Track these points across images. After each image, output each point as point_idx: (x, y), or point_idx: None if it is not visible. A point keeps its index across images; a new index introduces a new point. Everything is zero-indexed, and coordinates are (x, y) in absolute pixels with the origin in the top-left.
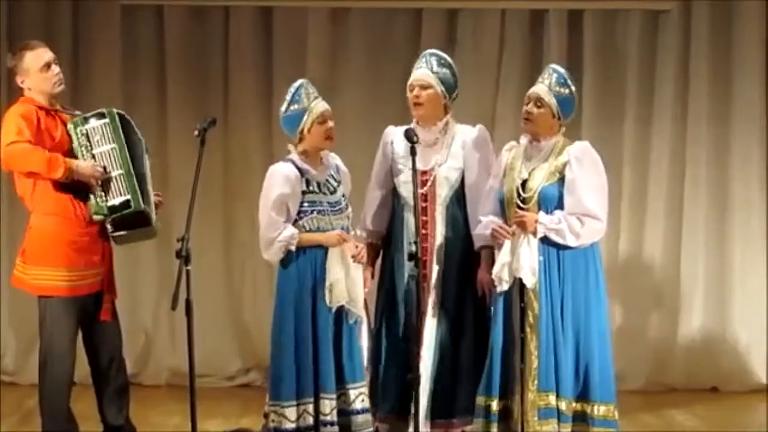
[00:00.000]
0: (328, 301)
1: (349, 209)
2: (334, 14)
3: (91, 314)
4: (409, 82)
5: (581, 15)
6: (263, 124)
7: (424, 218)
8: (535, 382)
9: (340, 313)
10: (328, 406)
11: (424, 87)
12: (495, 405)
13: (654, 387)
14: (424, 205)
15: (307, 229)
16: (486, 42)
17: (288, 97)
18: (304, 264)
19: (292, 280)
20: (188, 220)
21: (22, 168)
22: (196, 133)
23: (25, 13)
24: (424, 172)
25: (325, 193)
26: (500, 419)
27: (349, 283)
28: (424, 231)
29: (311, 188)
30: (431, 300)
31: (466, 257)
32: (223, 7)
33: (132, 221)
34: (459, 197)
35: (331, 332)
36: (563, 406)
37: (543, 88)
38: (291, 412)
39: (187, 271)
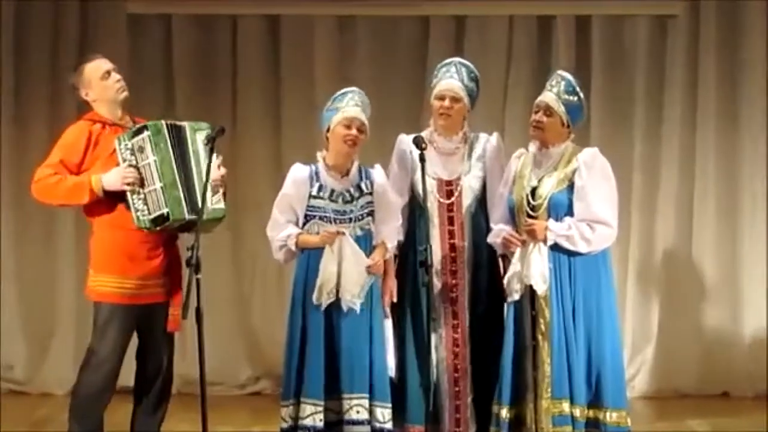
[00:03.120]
0: (315, 299)
1: (365, 221)
2: (341, 22)
3: (148, 324)
4: (438, 90)
5: (589, 20)
6: (271, 132)
7: (451, 228)
8: (549, 389)
9: (338, 317)
10: (308, 410)
11: (455, 99)
12: (505, 412)
13: (665, 393)
14: (450, 215)
15: (310, 233)
16: (493, 48)
17: (332, 97)
18: (307, 265)
19: (299, 281)
20: (197, 229)
21: (50, 201)
22: (204, 142)
23: (32, 22)
24: (449, 182)
25: (335, 201)
26: (512, 427)
27: (343, 279)
28: (451, 240)
29: (321, 194)
30: (464, 309)
31: (493, 263)
32: (231, 16)
33: (184, 227)
34: (481, 205)
35: (321, 335)
36: (577, 412)
37: (551, 96)
38: (286, 412)
39: (197, 280)
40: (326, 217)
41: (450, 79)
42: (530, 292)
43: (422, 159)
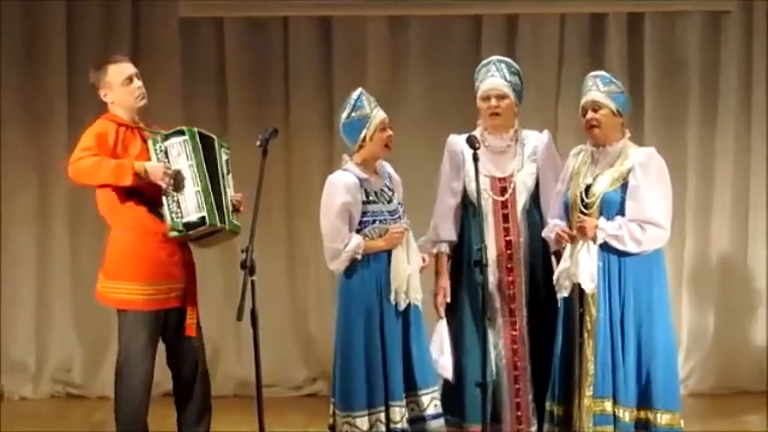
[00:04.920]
0: (401, 302)
1: (405, 217)
2: (393, 23)
3: (173, 329)
4: (483, 91)
5: (641, 18)
6: (324, 133)
7: (506, 225)
8: (591, 388)
9: (407, 317)
10: (398, 413)
11: (501, 97)
12: (556, 409)
13: (723, 390)
14: (505, 212)
15: (371, 238)
16: (546, 47)
17: (349, 105)
18: (369, 271)
19: (359, 288)
20: (252, 231)
21: (90, 181)
22: (258, 143)
23: (85, 26)
24: (503, 179)
25: (383, 202)
26: (562, 423)
27: (412, 278)
28: (507, 238)
29: (371, 198)
30: (522, 306)
31: (548, 261)
32: (282, 18)
33: (208, 234)
34: (535, 202)
35: (400, 337)
36: (621, 413)
37: (593, 93)
38: (363, 422)
39: (252, 282)
40: (383, 220)
41: (492, 78)
42: (579, 290)
43: (476, 158)
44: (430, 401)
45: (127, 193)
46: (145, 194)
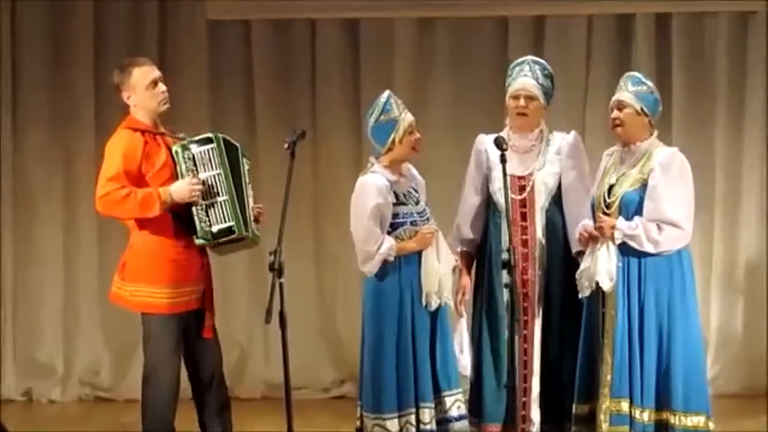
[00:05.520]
0: (433, 302)
1: (432, 219)
2: (421, 24)
3: (191, 331)
4: (513, 90)
5: (669, 18)
6: (352, 135)
7: (524, 224)
8: (609, 387)
9: (436, 318)
10: (428, 414)
11: (530, 98)
12: (579, 408)
13: (751, 391)
14: (523, 210)
15: (402, 239)
16: (573, 48)
17: (378, 107)
18: (401, 273)
19: (390, 290)
20: (280, 233)
21: (119, 215)
22: (285, 145)
23: (112, 29)
24: (522, 178)
25: (412, 204)
26: (586, 423)
27: (443, 278)
28: (524, 236)
29: (400, 199)
30: (535, 305)
31: (566, 261)
32: (310, 20)
33: (231, 242)
34: (557, 202)
35: (428, 339)
36: (637, 414)
37: (621, 92)
38: (393, 424)
39: (280, 284)
40: (414, 221)
41: (524, 77)
42: (601, 290)
43: (503, 160)
44: (454, 402)
45: None
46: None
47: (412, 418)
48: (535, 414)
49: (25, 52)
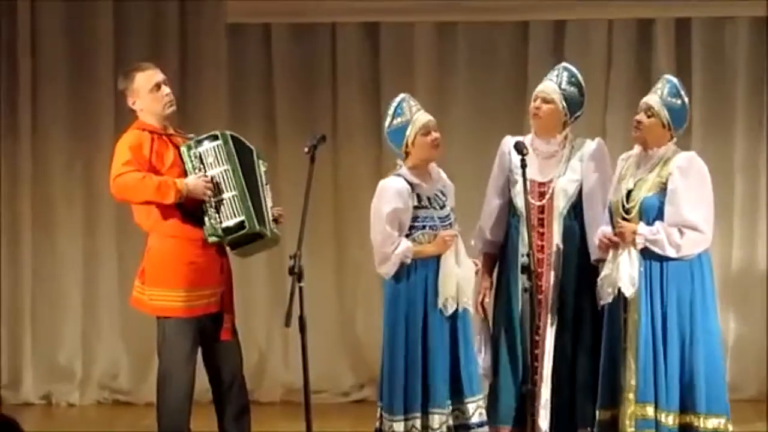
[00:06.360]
0: (449, 307)
1: (456, 225)
2: (441, 29)
3: (210, 334)
4: (535, 92)
5: (689, 23)
6: (372, 139)
7: (541, 230)
8: (633, 392)
9: (455, 323)
10: (437, 420)
11: (546, 101)
12: (601, 414)
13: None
14: (541, 216)
15: (420, 243)
16: (593, 53)
17: (390, 112)
18: (417, 276)
19: (405, 292)
20: (300, 237)
21: (133, 198)
22: (306, 150)
23: (132, 33)
24: (542, 184)
25: (435, 208)
26: (608, 428)
27: (462, 283)
28: (540, 242)
29: (422, 203)
30: (549, 310)
31: (583, 268)
32: (330, 24)
33: (248, 240)
34: (576, 209)
35: (447, 344)
36: (663, 418)
37: (655, 98)
38: (399, 426)
39: (300, 288)
40: (434, 225)
41: (548, 81)
42: (623, 296)
43: (524, 165)
44: (476, 409)
45: None
46: (184, 202)
47: (418, 423)
48: (544, 421)
49: (45, 55)
